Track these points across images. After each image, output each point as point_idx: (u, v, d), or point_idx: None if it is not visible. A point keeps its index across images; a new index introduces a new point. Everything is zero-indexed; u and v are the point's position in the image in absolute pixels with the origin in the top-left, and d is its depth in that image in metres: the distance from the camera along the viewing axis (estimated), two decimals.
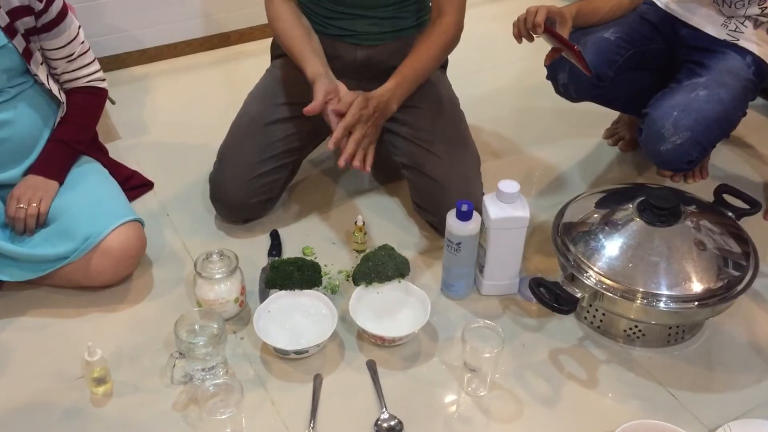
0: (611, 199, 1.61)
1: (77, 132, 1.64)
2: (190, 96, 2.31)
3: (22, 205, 1.52)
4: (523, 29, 1.59)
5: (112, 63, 2.37)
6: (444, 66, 1.85)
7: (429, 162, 1.69)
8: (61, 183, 1.59)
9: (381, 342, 1.47)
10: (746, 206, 1.59)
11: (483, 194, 1.60)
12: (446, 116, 1.74)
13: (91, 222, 1.50)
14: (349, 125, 1.50)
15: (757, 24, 1.72)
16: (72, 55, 1.62)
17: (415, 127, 1.71)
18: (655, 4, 1.83)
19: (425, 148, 1.69)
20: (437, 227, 1.71)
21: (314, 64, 1.59)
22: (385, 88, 1.58)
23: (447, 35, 1.64)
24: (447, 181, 1.66)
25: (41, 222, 1.54)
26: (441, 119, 1.72)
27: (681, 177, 1.95)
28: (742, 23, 1.73)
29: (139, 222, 1.58)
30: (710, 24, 1.76)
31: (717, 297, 1.39)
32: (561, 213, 1.59)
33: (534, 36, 1.60)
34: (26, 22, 1.50)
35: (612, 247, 1.45)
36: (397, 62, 1.64)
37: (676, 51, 1.81)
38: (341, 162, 1.50)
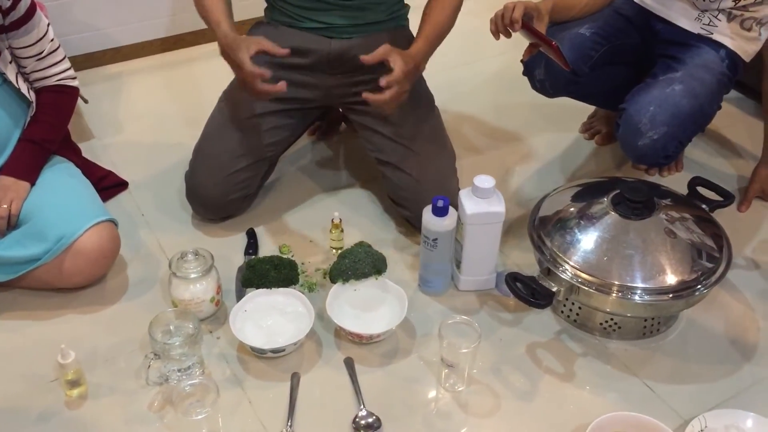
0: (586, 193, 1.61)
1: (48, 131, 1.62)
2: (164, 94, 2.29)
3: None
4: (501, 25, 1.59)
5: (85, 61, 2.34)
6: None
7: (404, 158, 1.68)
8: (32, 183, 1.57)
9: (358, 339, 1.47)
10: (720, 198, 1.60)
11: (459, 190, 1.60)
12: (422, 112, 1.74)
13: (63, 223, 1.48)
14: (398, 80, 1.49)
15: (730, 17, 1.73)
16: (41, 53, 1.59)
17: (390, 122, 1.70)
18: None
19: (401, 143, 1.69)
20: (413, 223, 1.71)
21: (221, 29, 1.57)
22: (416, 47, 1.58)
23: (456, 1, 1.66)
24: (422, 177, 1.66)
25: (12, 224, 1.52)
26: (417, 115, 1.72)
27: (656, 170, 1.96)
28: (716, 17, 1.74)
29: (113, 222, 1.57)
30: (684, 18, 1.77)
31: (691, 289, 1.40)
32: (537, 207, 1.59)
33: (511, 32, 1.60)
34: None
35: (587, 240, 1.45)
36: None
37: (652, 45, 1.82)
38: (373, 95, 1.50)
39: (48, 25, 1.60)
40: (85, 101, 2.05)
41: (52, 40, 1.61)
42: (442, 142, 1.74)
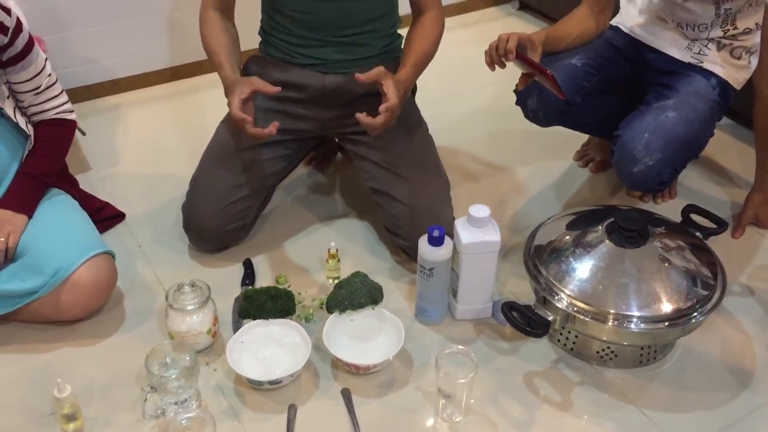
0: (581, 221, 1.62)
1: (46, 165, 1.63)
2: (162, 125, 2.31)
3: None
4: (495, 56, 1.61)
5: (83, 94, 2.36)
6: (413, 91, 1.87)
7: (399, 187, 1.69)
8: (29, 216, 1.58)
9: (355, 370, 1.46)
10: (714, 226, 1.61)
11: (453, 218, 1.61)
12: (416, 141, 1.75)
13: (60, 256, 1.49)
14: (394, 107, 1.52)
15: (720, 46, 1.76)
16: (39, 87, 1.61)
17: (385, 151, 1.72)
18: (620, 30, 1.86)
19: (395, 172, 1.70)
20: (408, 252, 1.71)
21: (224, 72, 1.62)
22: (404, 74, 1.62)
23: (438, 26, 1.70)
24: (417, 206, 1.67)
25: (9, 257, 1.52)
26: (410, 144, 1.73)
27: (650, 197, 1.97)
28: (706, 46, 1.76)
29: (110, 254, 1.57)
30: (675, 47, 1.79)
31: (687, 316, 1.40)
32: (532, 235, 1.60)
33: (506, 62, 1.62)
34: None
35: (582, 269, 1.46)
36: (365, 91, 1.65)
37: (643, 74, 1.84)
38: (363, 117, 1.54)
39: (45, 59, 1.62)
40: (83, 133, 2.07)
41: (49, 74, 1.63)
42: (436, 170, 1.75)
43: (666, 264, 1.45)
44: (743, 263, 1.78)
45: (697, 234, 1.58)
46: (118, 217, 1.88)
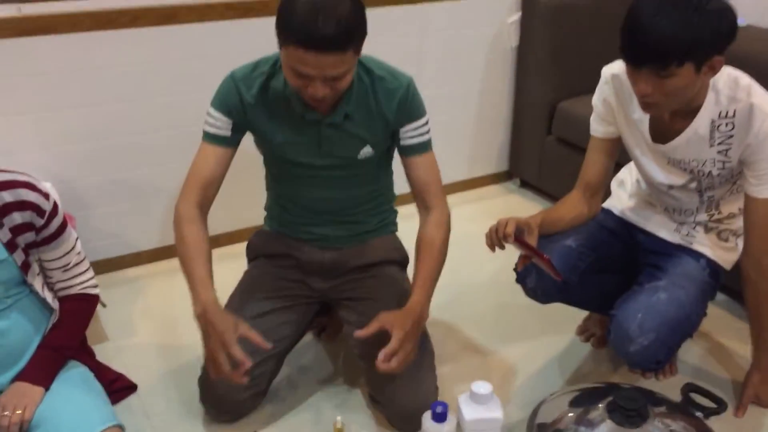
0: (583, 399, 1.65)
1: (67, 338, 1.70)
2: (181, 297, 2.38)
3: (6, 413, 1.54)
4: (495, 239, 1.71)
5: (106, 266, 2.48)
6: (404, 264, 1.95)
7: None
8: (47, 389, 1.62)
9: None
10: (713, 405, 1.63)
11: (437, 387, 1.65)
12: None
13: (72, 430, 1.52)
14: (394, 351, 1.55)
15: (707, 229, 1.86)
16: (68, 264, 1.71)
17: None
18: (612, 213, 1.99)
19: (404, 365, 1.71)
20: (393, 423, 1.73)
21: (207, 291, 1.62)
22: (414, 301, 1.65)
23: (444, 228, 1.76)
24: (401, 376, 1.69)
25: (24, 429, 1.56)
26: (419, 336, 1.75)
27: (652, 374, 2.00)
28: (694, 228, 1.87)
29: (120, 427, 1.60)
30: (664, 229, 1.90)
31: None
32: (535, 413, 1.62)
33: (505, 244, 1.72)
34: (27, 237, 1.60)
35: None
36: (361, 262, 1.75)
37: (636, 254, 1.94)
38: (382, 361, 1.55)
39: (76, 239, 1.73)
40: (104, 305, 2.16)
41: (78, 252, 1.74)
42: (422, 340, 1.77)
43: None
44: None
45: (698, 414, 1.60)
46: (130, 388, 1.92)
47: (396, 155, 1.81)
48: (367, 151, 1.72)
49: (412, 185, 1.78)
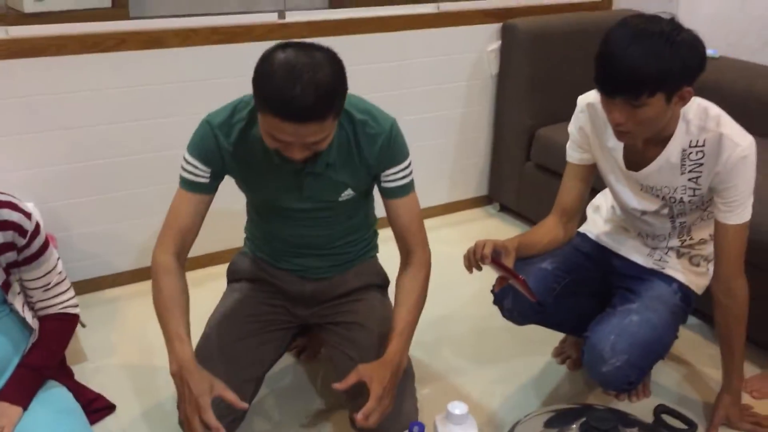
0: (558, 420, 1.68)
1: (46, 358, 1.70)
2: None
3: None
4: (473, 260, 1.74)
5: (85, 286, 2.48)
6: (385, 287, 1.96)
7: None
8: (25, 408, 1.62)
9: None
10: (684, 426, 1.67)
11: (417, 410, 1.66)
12: (384, 335, 1.76)
13: None
14: (373, 409, 1.54)
15: (679, 254, 1.91)
16: (49, 284, 1.71)
17: (357, 346, 1.77)
18: (587, 237, 2.03)
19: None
20: None
21: (183, 347, 1.57)
22: (392, 351, 1.63)
23: (424, 272, 1.75)
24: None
25: None
26: (380, 339, 1.76)
27: (626, 396, 2.04)
28: (666, 253, 1.92)
29: None
30: (637, 254, 1.95)
31: None
32: None
33: (482, 266, 1.75)
34: (8, 257, 1.60)
35: None
36: (343, 291, 1.76)
37: (610, 278, 1.98)
38: (361, 420, 1.53)
39: (58, 259, 1.74)
40: (83, 326, 2.15)
41: (60, 272, 1.74)
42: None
43: None
44: None
45: None
46: (108, 408, 1.92)
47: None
48: (348, 193, 1.70)
49: (392, 226, 1.76)
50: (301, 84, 1.37)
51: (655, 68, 1.50)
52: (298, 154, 1.49)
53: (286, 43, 1.46)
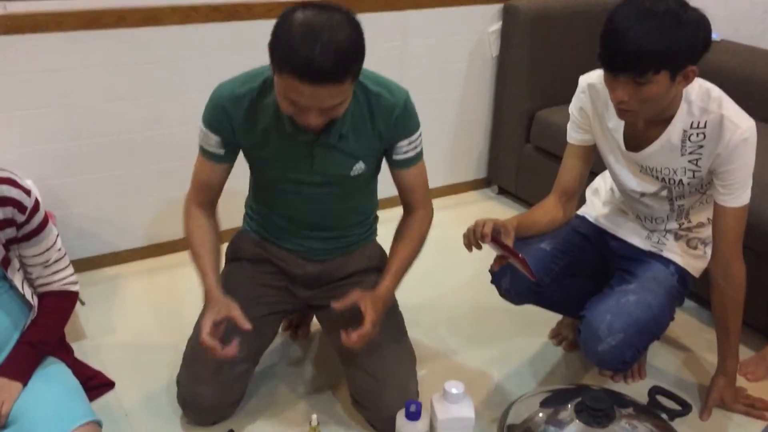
0: (553, 400, 1.70)
1: (46, 334, 1.70)
2: (158, 296, 2.41)
3: None
4: (473, 239, 1.74)
5: (84, 264, 2.49)
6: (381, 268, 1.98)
7: (368, 358, 1.75)
8: (24, 384, 1.63)
9: None
10: (678, 407, 1.68)
11: (417, 392, 1.68)
12: (386, 314, 1.80)
13: (49, 425, 1.53)
14: (368, 334, 1.60)
15: (677, 237, 1.92)
16: (48, 261, 1.72)
17: (356, 324, 1.76)
18: (586, 219, 2.03)
19: (365, 345, 1.74)
20: (373, 424, 1.75)
21: (206, 280, 1.69)
22: (385, 287, 1.70)
23: (424, 225, 1.80)
24: (384, 380, 1.72)
25: (1, 424, 1.57)
26: (383, 323, 1.78)
27: (621, 377, 2.05)
28: (664, 236, 1.92)
29: (98, 423, 1.61)
30: (636, 236, 1.95)
31: None
32: (506, 413, 1.66)
33: (482, 245, 1.76)
34: (8, 233, 1.61)
35: None
36: (345, 274, 1.76)
37: (608, 260, 1.99)
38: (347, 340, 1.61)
39: (57, 235, 1.74)
40: (82, 303, 2.17)
41: (59, 249, 1.75)
42: (404, 344, 1.82)
43: None
44: None
45: (663, 416, 1.65)
46: (107, 385, 1.93)
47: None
48: (359, 167, 1.70)
49: (399, 190, 1.79)
50: (321, 44, 1.35)
51: (661, 45, 1.50)
52: (314, 120, 1.47)
53: (305, 2, 1.44)
